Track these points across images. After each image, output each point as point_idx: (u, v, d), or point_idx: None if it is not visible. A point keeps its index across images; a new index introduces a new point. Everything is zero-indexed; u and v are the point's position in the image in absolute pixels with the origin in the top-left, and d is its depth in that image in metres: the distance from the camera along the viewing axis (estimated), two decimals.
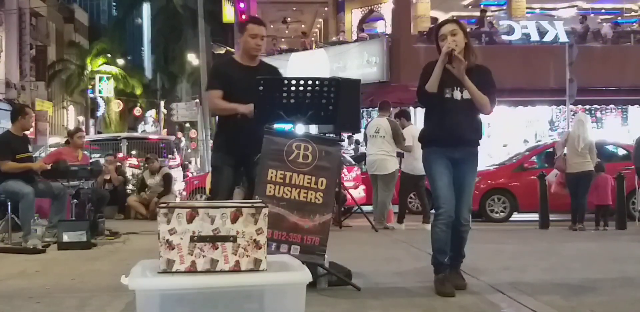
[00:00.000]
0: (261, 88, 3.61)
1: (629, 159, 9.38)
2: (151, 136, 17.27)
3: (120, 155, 13.13)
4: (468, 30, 16.45)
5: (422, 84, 3.60)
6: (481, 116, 3.72)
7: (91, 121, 38.23)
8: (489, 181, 9.46)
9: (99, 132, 34.31)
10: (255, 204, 2.41)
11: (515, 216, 10.03)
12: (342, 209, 8.30)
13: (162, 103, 36.18)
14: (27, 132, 6.74)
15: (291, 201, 3.55)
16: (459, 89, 3.61)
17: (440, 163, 3.64)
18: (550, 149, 10.69)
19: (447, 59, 3.52)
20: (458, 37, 3.58)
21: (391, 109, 8.58)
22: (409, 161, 7.82)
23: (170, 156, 15.32)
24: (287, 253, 3.48)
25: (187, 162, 22.69)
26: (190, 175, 16.74)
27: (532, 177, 9.52)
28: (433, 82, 3.54)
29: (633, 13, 21.56)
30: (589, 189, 7.94)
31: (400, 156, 7.84)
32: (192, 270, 2.32)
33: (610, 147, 10.88)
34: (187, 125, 34.24)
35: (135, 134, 20.35)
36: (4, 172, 6.11)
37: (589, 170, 7.84)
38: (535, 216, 9.63)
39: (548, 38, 16.54)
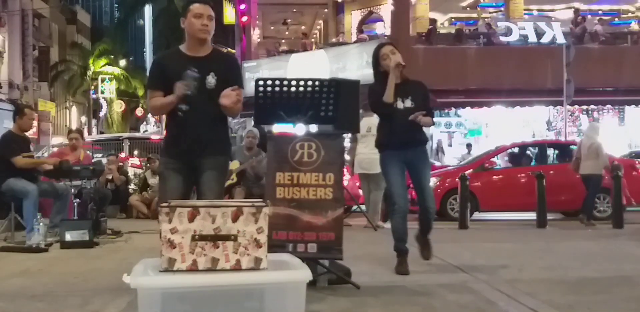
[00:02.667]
0: (261, 88, 3.64)
1: None
2: (153, 136, 17.29)
3: (123, 155, 13.14)
4: (466, 31, 16.65)
5: (376, 98, 4.18)
6: None
7: (93, 121, 38.23)
8: (450, 181, 9.46)
9: (102, 133, 34.30)
10: (255, 203, 2.45)
11: (513, 216, 10.05)
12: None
13: None
14: (29, 133, 6.78)
15: (302, 200, 3.61)
16: (401, 99, 4.19)
17: (394, 165, 4.21)
18: (514, 150, 10.82)
19: (398, 71, 4.12)
20: (398, 56, 4.17)
21: None
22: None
23: None
24: (305, 252, 3.55)
25: None
26: None
27: (493, 176, 9.82)
28: (390, 93, 4.10)
29: (630, 14, 21.61)
30: (598, 190, 8.36)
31: None
32: (193, 269, 2.34)
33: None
34: None
35: (137, 134, 20.34)
36: (7, 170, 6.15)
37: (594, 173, 8.26)
38: (513, 216, 9.77)
39: (545, 39, 16.57)
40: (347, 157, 8.23)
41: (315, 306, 3.11)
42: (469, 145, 15.29)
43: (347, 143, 8.19)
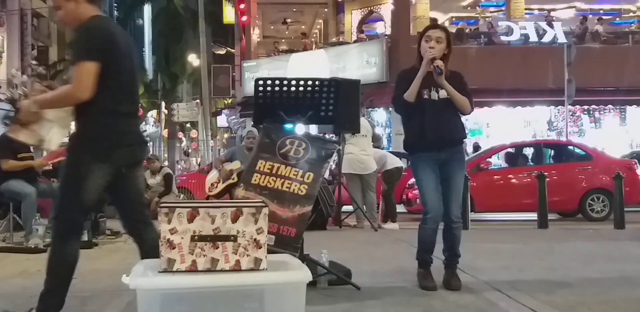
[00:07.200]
0: (260, 88, 3.62)
1: (587, 159, 9.94)
2: None
3: None
4: (467, 31, 16.52)
5: (400, 91, 3.71)
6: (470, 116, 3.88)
7: None
8: None
9: None
10: (255, 204, 2.44)
11: (513, 216, 10.07)
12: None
13: (163, 103, 36.18)
14: None
15: (273, 190, 3.53)
16: (435, 89, 3.71)
17: (427, 169, 3.73)
18: (511, 150, 10.79)
19: (429, 67, 3.65)
20: (441, 46, 3.70)
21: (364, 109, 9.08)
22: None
23: None
24: None
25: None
26: None
27: (488, 177, 9.76)
28: (413, 91, 3.66)
29: (631, 14, 21.65)
30: None
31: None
32: (192, 269, 2.34)
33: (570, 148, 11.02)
34: (188, 125, 34.10)
35: None
36: (5, 172, 6.14)
37: None
38: (514, 216, 9.82)
39: (546, 39, 16.58)
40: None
41: (315, 307, 3.10)
42: (477, 148, 15.08)
43: None
